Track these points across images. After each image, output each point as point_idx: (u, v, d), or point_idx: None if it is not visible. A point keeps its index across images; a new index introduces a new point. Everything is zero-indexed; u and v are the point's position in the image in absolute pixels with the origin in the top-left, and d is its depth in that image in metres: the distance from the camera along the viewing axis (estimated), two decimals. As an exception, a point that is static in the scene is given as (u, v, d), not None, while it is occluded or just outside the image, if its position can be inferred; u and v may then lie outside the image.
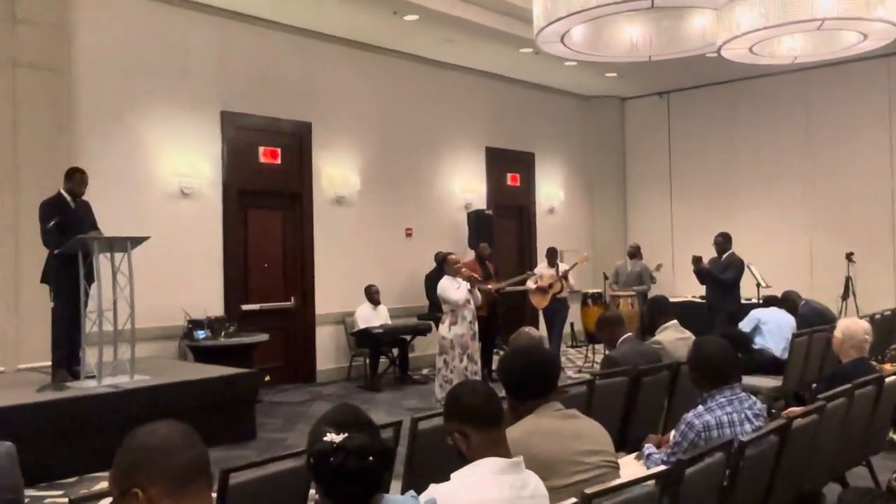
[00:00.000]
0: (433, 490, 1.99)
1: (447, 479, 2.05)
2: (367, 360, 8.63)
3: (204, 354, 7.24)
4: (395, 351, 8.92)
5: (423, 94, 10.20)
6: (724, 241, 8.18)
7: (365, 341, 8.57)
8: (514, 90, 11.45)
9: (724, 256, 8.13)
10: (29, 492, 4.89)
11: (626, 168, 12.93)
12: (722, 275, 8.03)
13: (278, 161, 8.62)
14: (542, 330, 9.17)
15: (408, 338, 8.97)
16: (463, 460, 2.12)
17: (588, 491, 2.07)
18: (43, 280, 5.79)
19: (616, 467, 2.55)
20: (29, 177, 6.58)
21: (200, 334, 7.32)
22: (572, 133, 12.55)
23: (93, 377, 5.76)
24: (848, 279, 9.67)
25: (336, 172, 9.13)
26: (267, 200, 8.61)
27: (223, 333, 7.42)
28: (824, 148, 10.81)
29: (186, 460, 1.50)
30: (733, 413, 3.01)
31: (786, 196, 11.10)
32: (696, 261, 8.12)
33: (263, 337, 7.66)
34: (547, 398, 2.56)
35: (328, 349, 9.03)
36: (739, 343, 4.22)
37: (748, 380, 5.54)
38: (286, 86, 8.71)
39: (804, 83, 10.92)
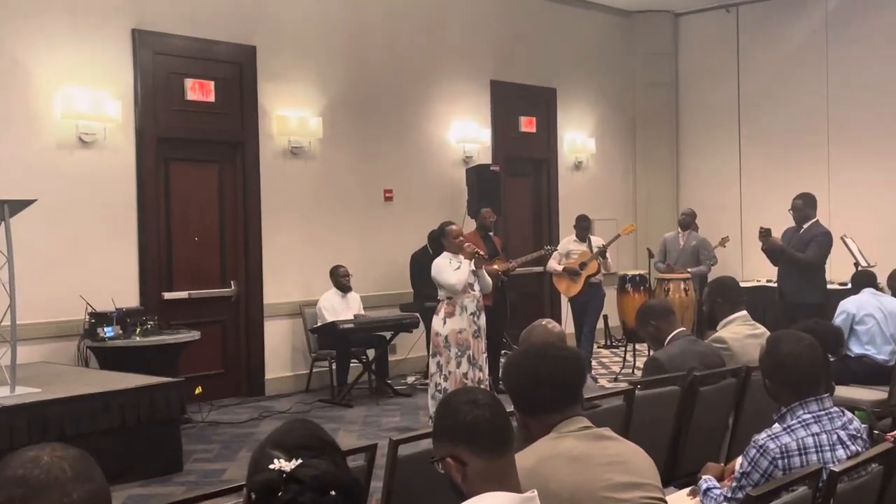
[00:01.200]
0: (417, 536, 2.01)
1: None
2: (334, 366, 8.66)
3: (112, 359, 7.21)
4: (371, 353, 8.97)
5: (408, 9, 10.13)
6: (804, 206, 7.92)
7: (331, 340, 8.59)
8: (528, 4, 11.38)
9: (806, 227, 7.90)
10: None
11: (680, 109, 12.87)
12: (801, 253, 7.86)
13: (211, 98, 8.57)
14: (568, 325, 9.23)
15: (388, 335, 9.00)
16: (458, 495, 2.12)
17: (626, 537, 2.07)
18: None
19: (663, 506, 2.55)
20: None
21: (108, 332, 7.28)
22: (608, 62, 12.51)
23: (-40, 389, 5.74)
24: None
25: (290, 114, 9.09)
26: (197, 151, 8.57)
27: (139, 331, 7.38)
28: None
29: (78, 498, 1.49)
30: (821, 434, 3.02)
31: (898, 145, 11.05)
32: (765, 234, 7.91)
33: (193, 335, 7.67)
34: (568, 413, 2.56)
35: (281, 351, 9.06)
36: (830, 340, 4.22)
37: (842, 391, 5.55)
38: (221, -4, 8.66)
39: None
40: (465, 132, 10.69)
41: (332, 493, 1.67)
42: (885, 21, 11.13)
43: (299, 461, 1.69)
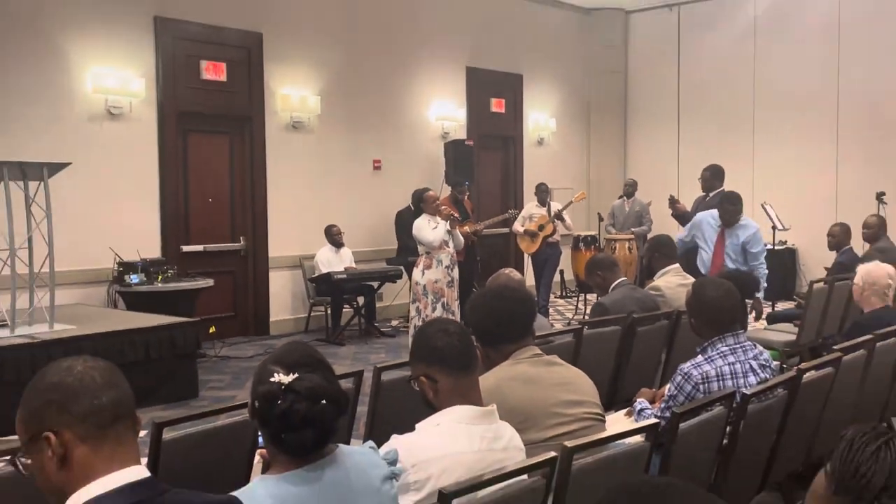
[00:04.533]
0: (395, 441, 2.04)
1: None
2: (329, 310, 8.70)
3: (138, 301, 7.20)
4: (361, 300, 9.01)
5: (395, 1, 10.07)
6: (711, 177, 7.36)
7: (326, 288, 8.60)
8: (500, 1, 11.34)
9: (711, 195, 7.27)
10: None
11: (629, 94, 12.91)
12: None
13: (223, 77, 8.53)
14: (529, 279, 9.20)
15: (375, 285, 9.07)
16: (430, 408, 2.17)
17: (569, 444, 2.09)
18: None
19: (602, 420, 2.61)
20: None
21: (133, 279, 7.25)
22: (567, 52, 12.49)
23: (4, 325, 5.71)
24: (877, 223, 9.69)
25: (292, 93, 9.06)
26: (211, 124, 8.58)
27: (160, 278, 7.35)
28: (856, 72, 10.78)
29: (107, 401, 1.48)
30: (736, 363, 3.06)
31: (810, 128, 11.10)
32: (673, 201, 7.55)
33: (208, 282, 7.68)
34: (522, 343, 2.60)
35: (284, 297, 9.09)
36: (746, 285, 4.28)
37: (757, 334, 5.62)
38: (232, -12, 8.58)
39: (837, -3, 10.88)
40: (444, 111, 10.70)
41: (323, 402, 1.71)
42: (806, 23, 11.14)
43: (296, 375, 1.71)
